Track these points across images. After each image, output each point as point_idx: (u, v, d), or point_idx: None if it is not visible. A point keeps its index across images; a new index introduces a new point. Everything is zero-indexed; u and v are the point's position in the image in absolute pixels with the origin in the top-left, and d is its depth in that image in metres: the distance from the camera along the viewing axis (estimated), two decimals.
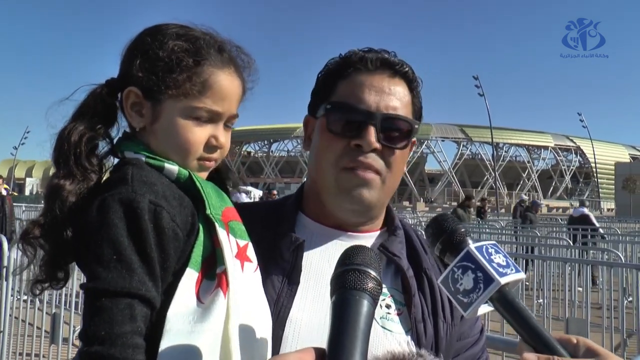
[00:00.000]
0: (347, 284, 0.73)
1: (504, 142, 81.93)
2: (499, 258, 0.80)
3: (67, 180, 0.91)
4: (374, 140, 1.07)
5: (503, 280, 0.77)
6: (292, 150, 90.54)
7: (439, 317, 1.11)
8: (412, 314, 1.08)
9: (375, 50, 1.16)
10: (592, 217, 13.55)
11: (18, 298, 5.71)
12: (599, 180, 73.99)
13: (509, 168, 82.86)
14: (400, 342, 1.04)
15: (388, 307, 1.08)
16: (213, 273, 0.90)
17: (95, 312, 0.80)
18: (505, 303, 0.79)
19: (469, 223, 13.75)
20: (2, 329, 5.11)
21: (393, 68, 1.14)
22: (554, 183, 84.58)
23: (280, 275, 1.06)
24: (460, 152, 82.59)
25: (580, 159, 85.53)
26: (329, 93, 1.15)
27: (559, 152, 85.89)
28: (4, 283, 5.09)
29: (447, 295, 1.12)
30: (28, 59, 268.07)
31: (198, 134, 0.96)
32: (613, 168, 61.52)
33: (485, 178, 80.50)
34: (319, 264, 1.11)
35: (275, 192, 16.66)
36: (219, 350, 0.85)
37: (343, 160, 1.09)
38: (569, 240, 10.66)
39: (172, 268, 0.88)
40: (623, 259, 8.19)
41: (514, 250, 9.50)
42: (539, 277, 7.68)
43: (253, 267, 0.98)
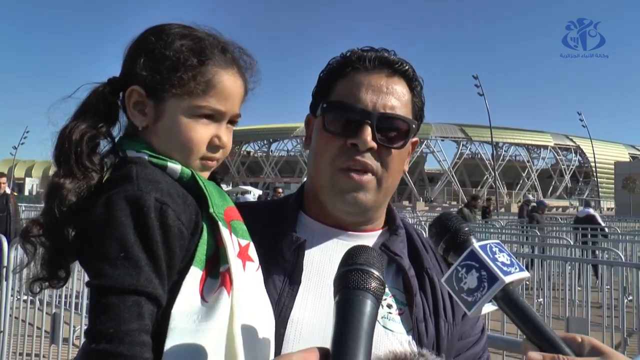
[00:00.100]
0: (350, 284, 0.73)
1: (504, 141, 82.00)
2: (503, 257, 0.80)
3: (67, 179, 0.90)
4: (370, 140, 1.06)
5: (507, 279, 0.77)
6: (291, 150, 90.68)
7: (441, 316, 1.11)
8: (413, 314, 1.08)
9: (375, 49, 1.16)
10: (597, 216, 13.49)
11: (18, 298, 5.71)
12: (599, 180, 74.04)
13: (509, 167, 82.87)
14: (402, 342, 1.04)
15: (389, 306, 1.08)
16: (217, 272, 0.90)
17: (102, 309, 0.79)
18: (510, 302, 0.78)
19: (475, 223, 13.74)
20: (2, 329, 5.11)
21: (392, 67, 1.14)
22: (554, 182, 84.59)
23: (282, 275, 1.06)
24: (460, 151, 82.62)
25: (580, 159, 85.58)
26: (328, 92, 1.15)
27: (559, 151, 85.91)
28: (4, 283, 5.09)
29: (449, 295, 1.13)
30: (28, 59, 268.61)
31: (201, 133, 0.96)
32: (613, 167, 61.62)
33: (485, 177, 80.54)
34: (320, 264, 1.11)
35: (281, 190, 16.23)
36: (224, 349, 0.85)
37: (339, 160, 1.08)
38: (570, 240, 10.65)
39: (177, 266, 0.88)
40: (623, 258, 8.19)
41: (514, 250, 9.50)
42: (539, 276, 7.68)
43: (255, 266, 0.98)
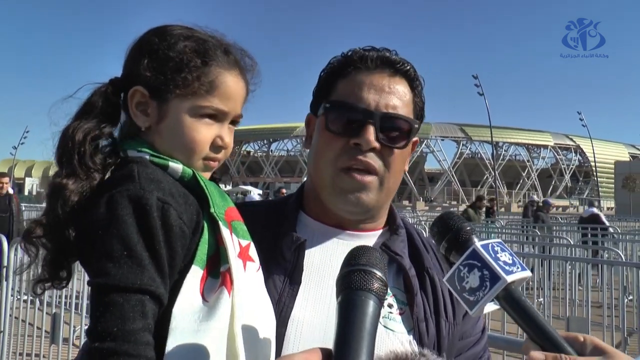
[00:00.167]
0: (353, 285, 0.73)
1: (504, 141, 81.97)
2: (505, 256, 0.80)
3: (70, 179, 0.90)
4: (373, 139, 1.06)
5: (509, 279, 0.77)
6: (291, 150, 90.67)
7: (441, 316, 1.11)
8: (414, 314, 1.08)
9: (376, 49, 1.15)
10: (602, 216, 13.40)
11: (18, 298, 5.71)
12: (599, 179, 74.02)
13: (509, 167, 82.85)
14: (403, 341, 1.03)
15: (390, 306, 1.07)
16: (217, 271, 0.90)
17: (106, 308, 0.78)
18: (512, 301, 0.78)
19: (480, 223, 13.74)
20: (2, 329, 5.11)
21: (393, 66, 1.14)
22: (554, 182, 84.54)
23: (282, 275, 1.06)
24: (460, 151, 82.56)
25: (580, 158, 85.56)
26: (330, 92, 1.14)
27: (559, 151, 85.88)
28: (4, 283, 5.09)
29: (450, 294, 1.14)
30: (27, 59, 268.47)
31: (204, 133, 0.97)
32: (613, 167, 61.61)
33: (485, 177, 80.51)
34: (321, 263, 1.11)
35: (285, 191, 16.22)
36: (225, 349, 0.84)
37: (341, 160, 1.08)
38: (570, 240, 10.64)
39: (178, 265, 0.88)
40: (623, 258, 8.19)
41: (514, 250, 9.50)
42: (540, 275, 7.68)
43: (255, 266, 0.98)
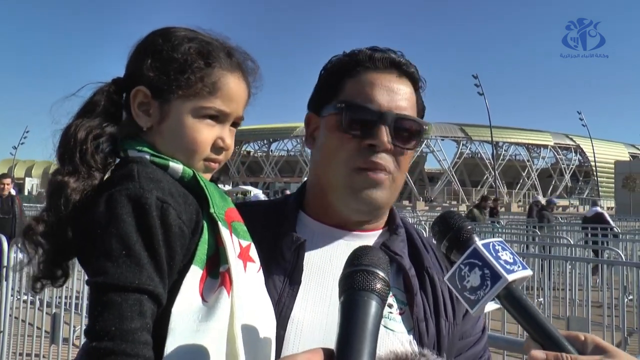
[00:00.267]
0: (355, 285, 0.73)
1: (504, 141, 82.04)
2: (506, 255, 0.80)
3: (71, 177, 0.90)
4: (388, 141, 1.07)
5: (510, 277, 0.76)
6: (291, 150, 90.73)
7: (441, 316, 1.11)
8: (414, 313, 1.07)
9: (382, 50, 1.15)
10: (606, 215, 13.29)
11: (18, 298, 5.72)
12: (599, 179, 74.12)
13: (509, 167, 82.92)
14: (403, 341, 1.03)
15: (390, 306, 1.07)
16: (217, 271, 0.90)
17: (104, 307, 0.78)
18: (513, 300, 0.78)
19: (485, 223, 13.73)
20: (2, 329, 5.11)
21: (400, 68, 1.14)
22: (554, 182, 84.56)
23: (282, 275, 1.06)
24: (460, 151, 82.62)
25: (580, 158, 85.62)
26: (336, 91, 1.14)
27: (559, 150, 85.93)
28: (4, 283, 5.09)
29: (450, 294, 1.14)
30: (27, 59, 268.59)
31: (205, 134, 0.97)
32: (613, 166, 61.59)
33: (485, 177, 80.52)
34: (321, 263, 1.10)
35: (288, 191, 16.27)
36: (225, 350, 0.84)
37: (356, 161, 1.08)
38: (570, 240, 10.64)
39: (177, 265, 0.87)
40: (623, 258, 8.19)
41: (515, 249, 9.49)
42: (540, 275, 7.69)
43: (256, 267, 0.98)
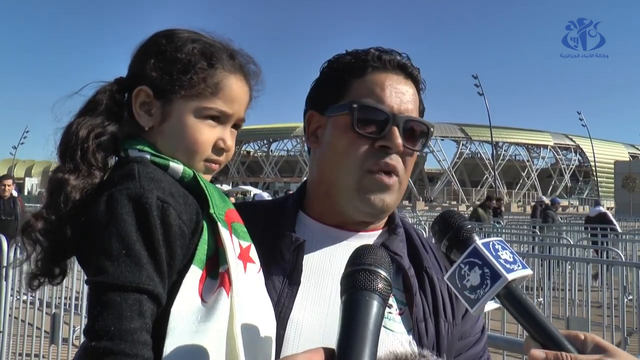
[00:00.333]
0: (357, 284, 0.72)
1: (504, 141, 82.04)
2: (506, 254, 0.79)
3: (72, 175, 0.90)
4: (402, 143, 1.07)
5: (510, 277, 0.76)
6: (291, 150, 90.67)
7: (440, 316, 1.10)
8: (413, 314, 1.07)
9: (388, 51, 1.15)
10: (610, 215, 13.07)
11: (18, 298, 5.71)
12: (599, 179, 74.11)
13: (509, 167, 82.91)
14: (402, 342, 1.02)
15: (390, 306, 1.06)
16: (216, 272, 0.90)
17: (104, 306, 0.78)
18: (512, 299, 0.78)
19: (489, 223, 13.72)
20: (2, 329, 5.11)
21: (406, 70, 1.14)
22: (554, 182, 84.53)
23: (281, 276, 1.05)
24: (460, 151, 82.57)
25: (580, 158, 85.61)
26: (342, 91, 1.13)
27: (559, 150, 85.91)
28: (4, 283, 5.08)
29: (449, 294, 1.14)
30: (27, 59, 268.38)
31: (207, 135, 0.97)
32: (612, 167, 61.63)
33: (485, 177, 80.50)
34: (320, 264, 1.10)
35: (292, 192, 16.19)
36: (224, 350, 0.84)
37: (368, 162, 1.07)
38: (570, 240, 10.64)
39: (177, 266, 0.87)
40: (623, 258, 8.19)
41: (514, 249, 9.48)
42: (540, 275, 7.69)
43: (256, 268, 0.98)
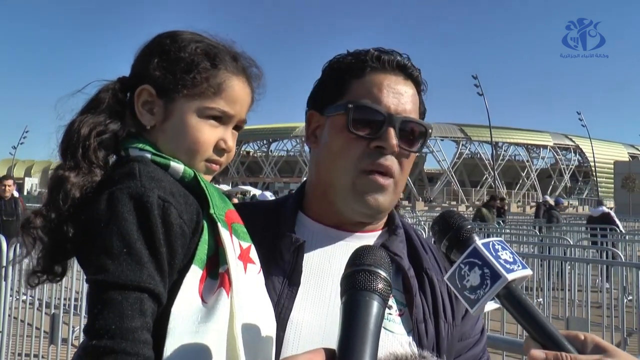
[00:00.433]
0: (357, 285, 0.72)
1: (503, 141, 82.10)
2: (506, 254, 0.79)
3: (72, 172, 0.90)
4: (397, 144, 1.07)
5: (510, 277, 0.76)
6: (291, 150, 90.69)
7: (440, 317, 1.10)
8: (413, 315, 1.07)
9: (388, 51, 1.15)
10: (613, 215, 12.76)
11: (17, 298, 5.70)
12: (598, 179, 74.13)
13: (508, 167, 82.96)
14: (402, 343, 1.02)
15: (389, 307, 1.06)
16: (216, 272, 0.90)
17: (104, 305, 0.78)
18: (512, 299, 0.78)
19: (494, 223, 13.69)
20: (1, 329, 5.10)
21: (406, 71, 1.14)
22: (553, 182, 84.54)
23: (281, 277, 1.05)
24: (460, 151, 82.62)
25: (580, 158, 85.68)
26: (341, 91, 1.13)
27: (558, 151, 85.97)
28: (3, 283, 5.08)
29: (449, 295, 1.13)
30: (27, 59, 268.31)
31: (208, 134, 0.97)
32: (612, 167, 61.66)
33: (485, 177, 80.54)
34: (320, 265, 1.10)
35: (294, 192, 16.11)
36: (225, 351, 0.84)
37: (363, 163, 1.08)
38: (569, 240, 10.63)
39: (178, 265, 0.87)
40: (623, 258, 8.19)
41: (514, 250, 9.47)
42: (539, 276, 7.69)
43: (256, 269, 0.98)
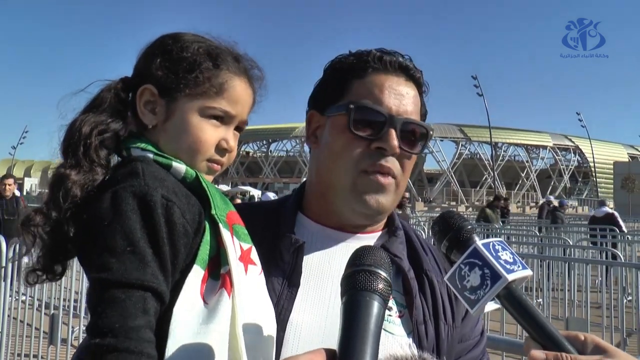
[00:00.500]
0: (357, 285, 0.73)
1: (503, 141, 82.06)
2: (506, 255, 0.79)
3: (73, 170, 0.90)
4: (397, 145, 1.07)
5: (510, 277, 0.76)
6: (291, 150, 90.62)
7: (440, 319, 1.10)
8: (413, 316, 1.07)
9: (390, 52, 1.15)
10: (617, 215, 12.47)
11: (17, 299, 5.70)
12: (598, 180, 74.16)
13: (508, 168, 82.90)
14: (402, 344, 1.01)
15: (389, 309, 1.06)
16: (217, 273, 0.90)
17: (107, 303, 0.77)
18: (513, 300, 0.78)
19: (498, 223, 13.68)
20: (0, 330, 5.10)
21: (408, 72, 1.14)
22: (553, 182, 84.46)
23: (281, 278, 1.05)
24: (459, 151, 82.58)
25: (579, 159, 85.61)
26: (343, 91, 1.13)
27: (558, 151, 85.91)
28: (3, 283, 5.08)
29: (449, 296, 1.13)
30: (27, 58, 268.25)
31: (209, 134, 0.98)
32: (612, 167, 61.67)
33: (484, 178, 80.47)
34: (320, 266, 1.10)
35: None
36: (226, 352, 0.84)
37: (364, 163, 1.07)
38: (569, 240, 10.64)
39: (180, 265, 0.87)
40: (622, 258, 8.19)
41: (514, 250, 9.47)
42: (539, 276, 7.69)
43: (257, 270, 0.98)
